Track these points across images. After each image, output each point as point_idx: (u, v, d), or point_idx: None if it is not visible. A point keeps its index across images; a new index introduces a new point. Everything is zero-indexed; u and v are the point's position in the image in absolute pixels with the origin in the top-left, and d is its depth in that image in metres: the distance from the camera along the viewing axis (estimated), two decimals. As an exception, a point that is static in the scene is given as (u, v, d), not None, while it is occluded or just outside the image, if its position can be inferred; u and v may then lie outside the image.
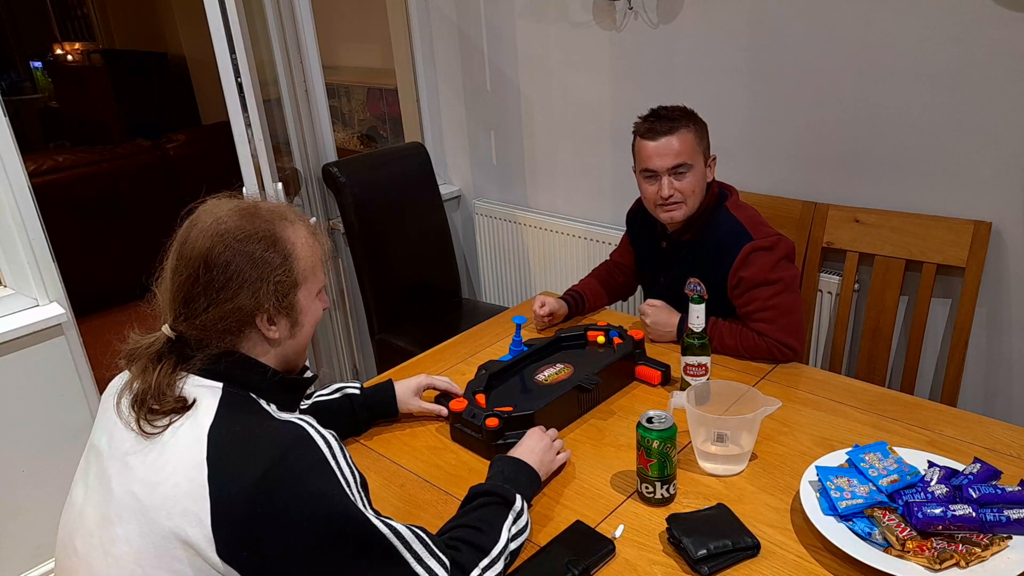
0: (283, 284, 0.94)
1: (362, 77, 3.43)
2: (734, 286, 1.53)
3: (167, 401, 0.88)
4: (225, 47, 1.63)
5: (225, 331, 0.92)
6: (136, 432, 0.88)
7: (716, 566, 0.99)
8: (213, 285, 0.90)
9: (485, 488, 1.07)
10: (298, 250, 0.96)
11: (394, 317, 2.43)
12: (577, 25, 2.27)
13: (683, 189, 1.54)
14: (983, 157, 1.66)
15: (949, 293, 1.80)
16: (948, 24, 1.61)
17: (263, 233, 0.94)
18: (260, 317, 0.93)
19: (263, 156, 1.75)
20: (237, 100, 1.68)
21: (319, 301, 1.02)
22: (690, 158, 1.53)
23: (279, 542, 0.82)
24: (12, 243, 1.83)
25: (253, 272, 0.91)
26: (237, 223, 0.93)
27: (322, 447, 0.87)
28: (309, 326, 1.01)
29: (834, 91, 1.82)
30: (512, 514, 1.03)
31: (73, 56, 6.56)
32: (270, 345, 0.96)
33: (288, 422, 0.89)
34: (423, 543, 0.90)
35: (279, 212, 0.98)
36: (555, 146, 2.51)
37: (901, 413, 1.33)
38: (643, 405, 1.40)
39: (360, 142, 3.61)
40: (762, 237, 1.51)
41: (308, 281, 0.98)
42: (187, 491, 0.82)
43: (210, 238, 0.91)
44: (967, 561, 0.94)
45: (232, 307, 0.91)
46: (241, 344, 0.94)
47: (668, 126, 1.53)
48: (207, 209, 0.96)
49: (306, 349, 1.04)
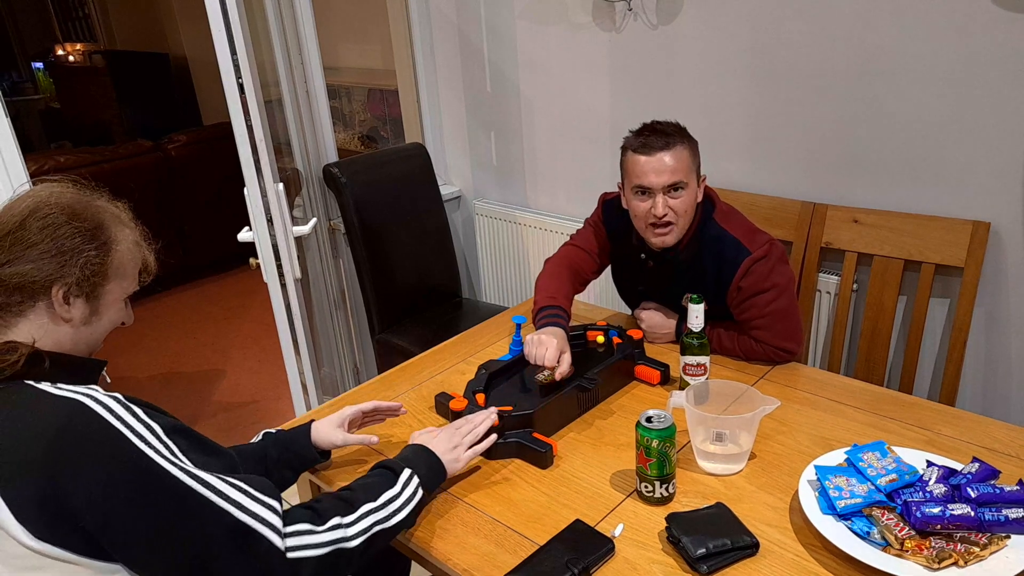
0: (92, 266, 0.94)
1: (363, 78, 3.43)
2: (732, 296, 1.52)
3: None
4: (226, 47, 1.64)
5: (16, 288, 0.90)
6: None
7: (715, 565, 1.00)
8: (21, 243, 0.90)
9: (384, 462, 1.11)
10: (120, 246, 0.98)
11: (394, 317, 2.43)
12: (577, 26, 2.27)
13: (677, 208, 1.47)
14: (982, 157, 1.66)
15: (948, 293, 1.80)
16: (948, 25, 1.62)
17: (89, 217, 0.95)
18: (57, 288, 0.92)
19: (264, 156, 1.75)
20: (238, 100, 1.69)
21: (124, 308, 1.02)
22: (685, 176, 1.46)
23: (94, 523, 0.82)
24: None
25: (66, 243, 0.92)
26: (69, 201, 0.95)
27: (102, 413, 0.85)
28: (107, 323, 0.99)
29: (834, 91, 1.83)
30: (397, 486, 1.05)
31: (75, 57, 6.57)
32: (59, 323, 0.94)
33: (63, 399, 0.86)
34: (242, 491, 0.89)
35: (114, 212, 1.00)
36: (555, 146, 2.52)
37: (900, 413, 1.33)
38: (642, 405, 1.40)
39: (361, 143, 3.61)
40: (757, 246, 1.48)
41: (120, 280, 0.99)
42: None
43: (37, 202, 0.93)
44: (965, 560, 0.94)
45: (32, 268, 0.90)
46: (29, 312, 0.92)
47: (664, 141, 1.45)
48: (46, 185, 0.97)
49: (96, 348, 1.01)
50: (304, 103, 2.43)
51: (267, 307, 2.02)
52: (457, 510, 1.16)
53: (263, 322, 3.60)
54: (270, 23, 2.29)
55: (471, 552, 1.07)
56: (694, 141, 1.52)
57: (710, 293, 1.49)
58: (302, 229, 1.97)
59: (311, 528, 0.93)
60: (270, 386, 3.08)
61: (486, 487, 1.21)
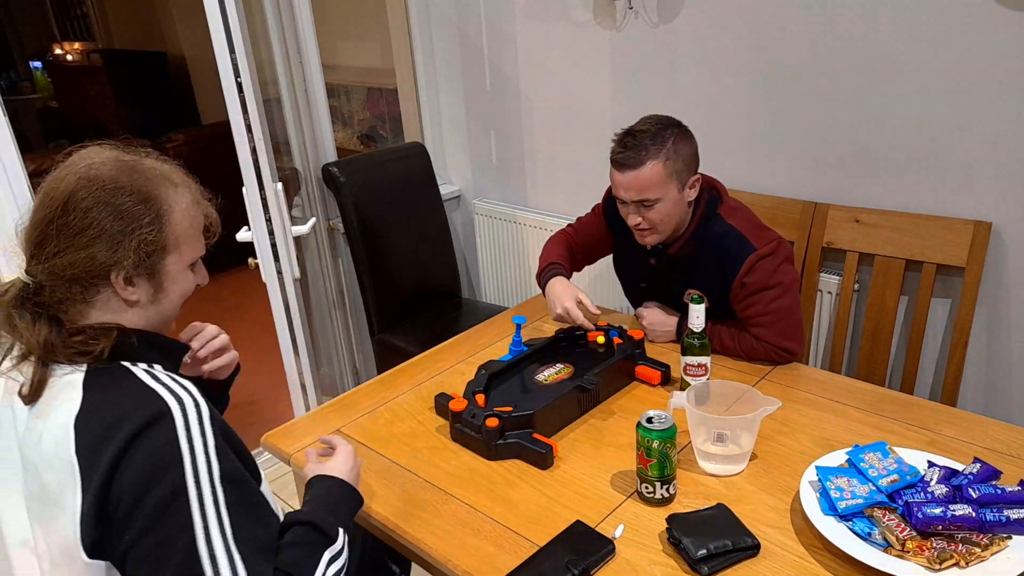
0: (148, 243, 0.88)
1: (362, 77, 3.43)
2: (736, 293, 1.52)
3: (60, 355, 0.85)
4: (225, 47, 1.63)
5: (74, 280, 0.86)
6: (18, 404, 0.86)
7: (716, 566, 0.99)
8: (67, 230, 0.85)
9: (304, 517, 0.95)
10: (175, 214, 0.90)
11: (394, 317, 2.43)
12: (577, 25, 2.27)
13: (651, 218, 1.49)
14: (984, 157, 1.66)
15: (949, 293, 1.80)
16: (948, 24, 1.61)
17: (136, 187, 0.88)
18: (116, 274, 0.87)
19: (263, 156, 1.75)
20: (237, 100, 1.68)
21: (193, 273, 0.96)
22: (657, 191, 1.46)
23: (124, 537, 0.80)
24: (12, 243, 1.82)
25: (115, 224, 0.85)
26: (111, 172, 0.87)
27: (179, 429, 0.82)
28: (176, 296, 0.95)
29: (835, 90, 1.82)
30: (329, 554, 0.93)
31: (73, 56, 6.56)
32: (127, 306, 0.90)
33: (153, 395, 0.83)
34: None
35: (163, 172, 0.92)
36: (555, 146, 2.51)
37: (901, 413, 1.33)
38: (643, 405, 1.40)
39: (360, 142, 3.61)
40: (763, 243, 1.48)
41: (181, 248, 0.92)
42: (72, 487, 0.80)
43: (77, 180, 0.86)
44: (967, 561, 0.94)
45: (84, 256, 0.85)
46: (94, 300, 0.88)
47: (634, 159, 1.46)
48: (86, 153, 0.90)
49: (170, 323, 0.97)
50: (303, 102, 2.42)
51: (266, 307, 2.01)
52: (457, 511, 1.16)
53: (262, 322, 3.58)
54: (269, 22, 2.28)
55: (471, 553, 1.07)
56: (680, 143, 1.48)
57: (713, 291, 1.49)
58: (301, 229, 1.96)
59: None
60: (269, 386, 3.07)
61: (486, 488, 1.21)
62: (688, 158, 1.50)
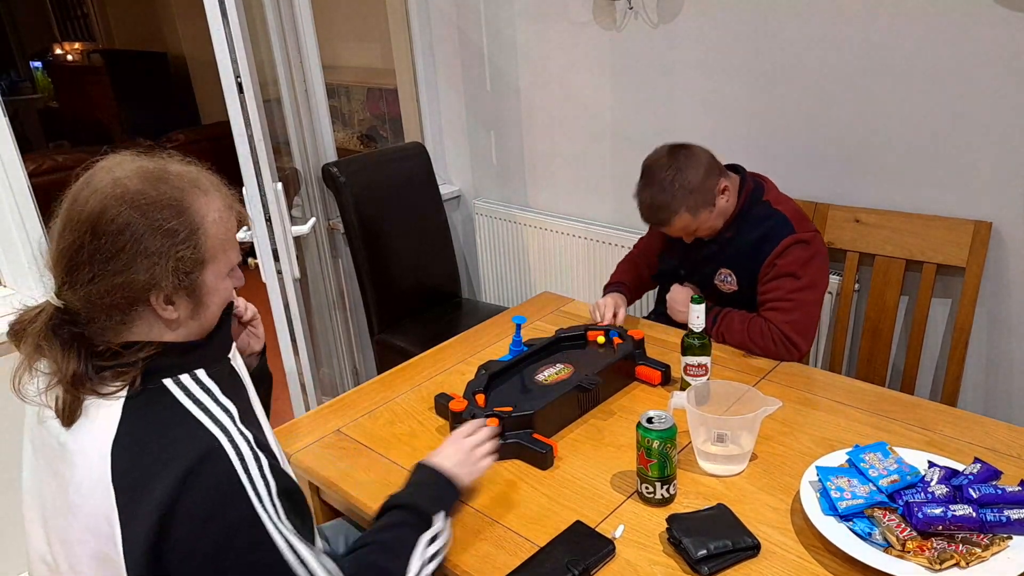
0: (187, 261, 0.82)
1: (362, 77, 3.43)
2: (765, 272, 1.54)
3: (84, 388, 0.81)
4: (225, 46, 1.63)
5: (112, 307, 0.80)
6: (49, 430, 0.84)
7: (716, 566, 0.99)
8: (100, 255, 0.79)
9: (403, 500, 0.98)
10: (208, 224, 0.84)
11: (394, 317, 2.43)
12: (577, 25, 2.27)
13: (698, 234, 1.60)
14: (983, 157, 1.66)
15: (949, 293, 1.80)
16: (948, 24, 1.61)
17: (168, 200, 0.81)
18: (155, 295, 0.82)
19: (263, 156, 1.74)
20: (237, 100, 1.68)
21: (230, 279, 0.91)
22: (686, 228, 1.57)
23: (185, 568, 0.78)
24: (12, 243, 1.83)
25: (151, 244, 0.79)
26: (139, 186, 0.81)
27: (233, 460, 0.80)
28: (216, 307, 0.90)
29: (834, 91, 1.82)
30: (427, 536, 0.95)
31: (73, 56, 6.57)
32: (167, 327, 0.85)
33: (200, 429, 0.80)
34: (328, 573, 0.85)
35: (191, 178, 0.86)
36: (555, 146, 2.51)
37: (901, 413, 1.33)
38: (643, 405, 1.40)
39: (360, 142, 3.61)
40: (804, 231, 1.53)
41: (218, 259, 0.86)
42: (104, 513, 0.78)
43: (103, 200, 0.79)
44: (967, 561, 0.94)
45: (121, 281, 0.79)
46: (133, 323, 0.83)
47: (662, 220, 1.55)
48: (107, 166, 0.83)
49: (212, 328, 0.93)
50: (303, 102, 2.42)
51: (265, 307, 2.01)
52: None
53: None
54: (269, 22, 2.28)
55: (471, 553, 1.07)
56: (688, 175, 1.51)
57: (744, 267, 1.56)
58: (301, 229, 1.96)
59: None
60: (269, 386, 3.07)
61: (486, 488, 1.20)
62: (704, 179, 1.53)
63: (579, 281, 2.55)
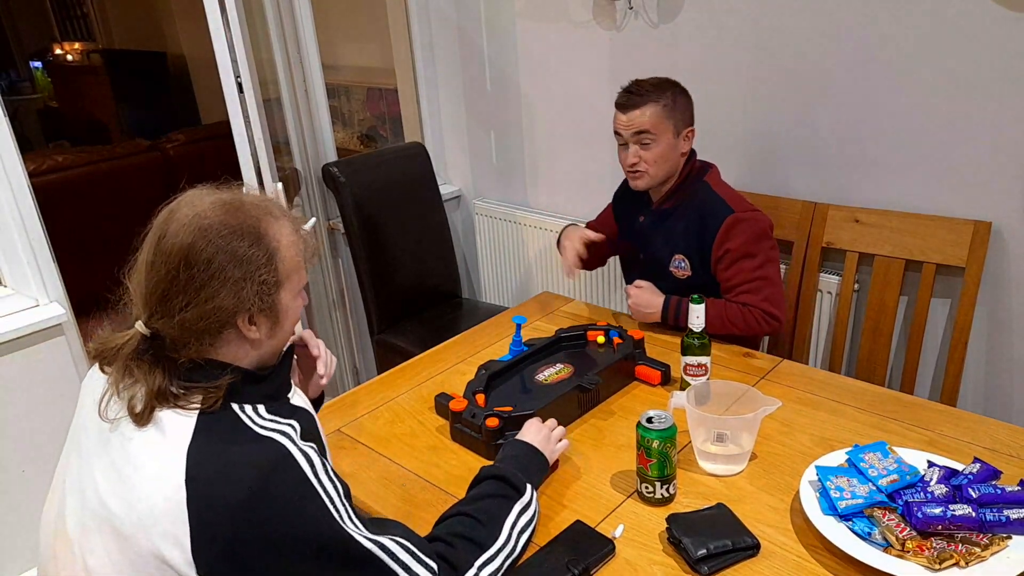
0: (267, 284, 0.89)
1: (362, 77, 3.43)
2: (718, 259, 1.59)
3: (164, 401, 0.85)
4: (225, 46, 1.63)
5: (204, 331, 0.87)
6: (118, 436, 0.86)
7: (716, 566, 1.00)
8: (193, 283, 0.85)
9: (495, 472, 1.05)
10: (283, 248, 0.92)
11: (394, 317, 2.43)
12: (577, 25, 2.27)
13: (647, 158, 1.62)
14: (983, 156, 1.66)
15: (949, 293, 1.80)
16: (948, 24, 1.61)
17: (247, 229, 0.88)
18: (242, 318, 0.88)
19: (263, 156, 1.75)
20: (237, 100, 1.68)
21: (299, 299, 0.98)
22: (655, 129, 1.59)
23: (264, 566, 0.80)
24: (12, 243, 1.83)
25: (236, 271, 0.86)
26: (221, 218, 0.88)
27: (303, 466, 0.84)
28: (289, 325, 0.96)
29: (835, 90, 1.82)
30: (519, 505, 1.01)
31: (73, 56, 6.56)
32: (251, 347, 0.92)
33: (268, 440, 0.85)
34: (408, 551, 0.88)
35: (264, 207, 0.93)
36: (555, 146, 2.51)
37: (901, 413, 1.33)
38: (643, 405, 1.40)
39: (360, 142, 3.61)
40: (742, 210, 1.59)
41: (291, 280, 0.94)
42: (165, 511, 0.79)
43: (192, 233, 0.86)
44: (967, 561, 0.94)
45: (212, 307, 0.86)
46: (220, 345, 0.89)
47: (636, 101, 1.60)
48: (187, 201, 0.90)
49: (283, 349, 0.99)
50: (303, 102, 2.43)
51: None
52: (457, 511, 1.16)
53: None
54: (269, 21, 2.28)
55: (471, 553, 1.07)
56: (679, 95, 1.62)
57: (692, 251, 1.62)
58: (301, 229, 1.96)
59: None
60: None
61: (486, 488, 1.20)
62: (684, 111, 1.64)
63: (579, 281, 2.55)
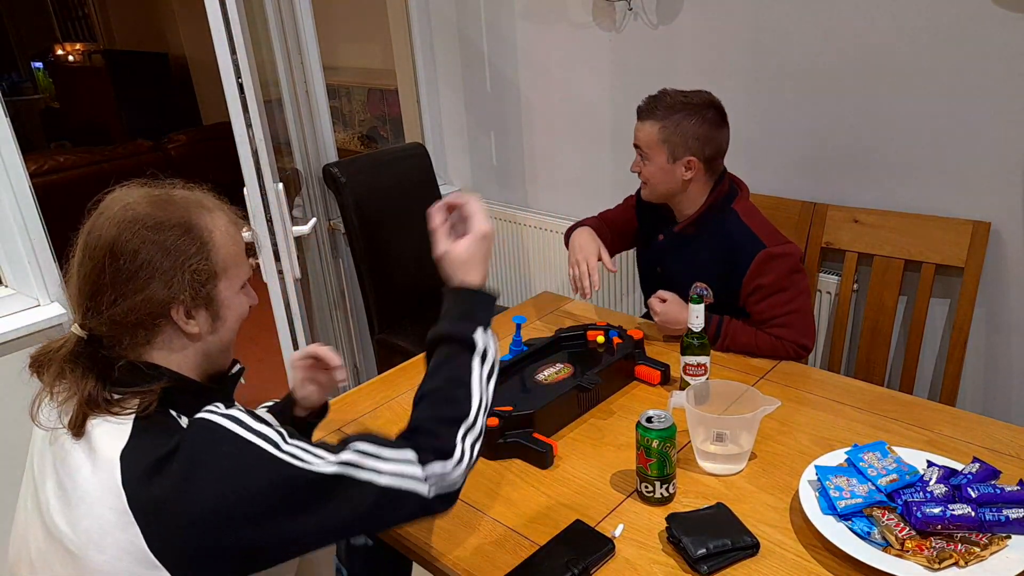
0: (200, 273, 0.87)
1: (363, 78, 3.43)
2: (750, 293, 1.53)
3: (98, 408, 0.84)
4: (226, 47, 1.63)
5: (136, 325, 0.85)
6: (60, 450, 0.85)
7: (715, 565, 1.00)
8: (120, 276, 0.84)
9: (440, 334, 0.96)
10: (216, 238, 0.90)
11: (394, 317, 2.43)
12: (577, 26, 2.27)
13: (644, 173, 1.60)
14: (982, 157, 1.66)
15: (948, 293, 1.80)
16: (948, 25, 1.62)
17: (176, 220, 0.87)
18: (176, 309, 0.87)
19: (264, 156, 1.75)
20: (238, 100, 1.68)
21: (244, 295, 0.96)
22: (646, 148, 1.57)
23: (234, 537, 0.78)
24: (13, 243, 1.83)
25: (165, 261, 0.85)
26: (148, 210, 0.87)
27: (230, 426, 0.82)
28: (233, 321, 0.94)
29: (834, 91, 1.82)
30: (477, 358, 0.94)
31: (74, 56, 6.57)
32: (189, 340, 0.90)
33: (191, 421, 0.84)
34: (375, 456, 0.85)
35: (195, 199, 0.92)
36: (555, 146, 2.51)
37: (900, 413, 1.33)
38: (643, 405, 1.40)
39: (360, 143, 3.61)
40: (775, 244, 1.51)
41: (229, 272, 0.92)
42: (112, 523, 0.78)
43: (117, 225, 0.85)
44: (966, 560, 0.94)
45: (142, 299, 0.84)
46: (155, 340, 0.88)
47: (643, 112, 1.57)
48: (116, 197, 0.90)
49: (231, 348, 0.98)
50: (304, 103, 2.43)
51: (266, 307, 2.01)
52: (458, 510, 1.16)
53: (262, 322, 3.59)
54: (270, 22, 2.28)
55: (471, 552, 1.07)
56: (691, 122, 1.51)
57: (716, 283, 1.54)
58: (302, 229, 1.96)
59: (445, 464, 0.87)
60: (269, 386, 3.07)
61: (486, 487, 1.21)
62: (690, 138, 1.53)
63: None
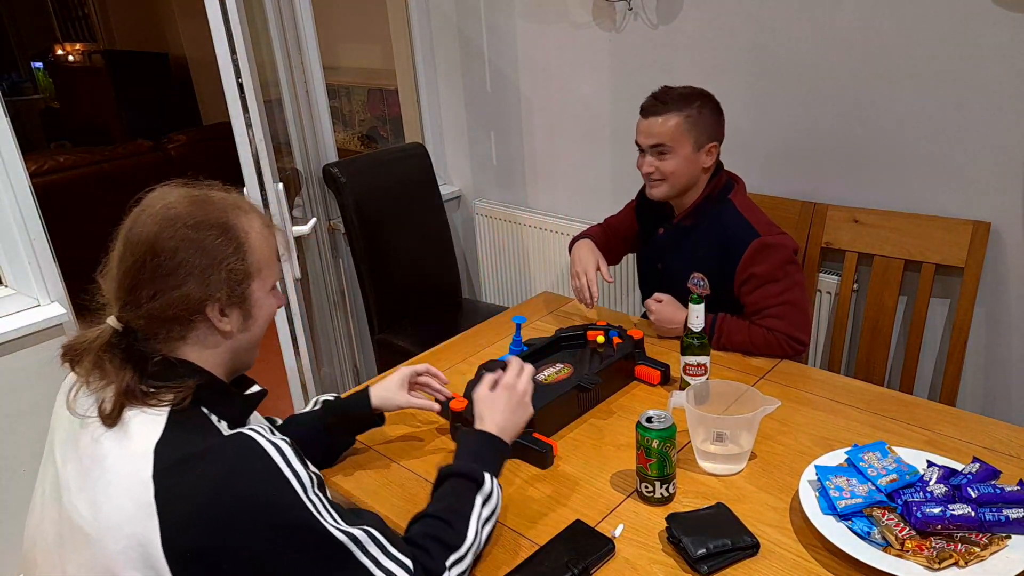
0: (236, 273, 0.91)
1: (363, 78, 3.43)
2: (743, 283, 1.55)
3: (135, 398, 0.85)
4: (226, 47, 1.63)
5: (173, 321, 0.88)
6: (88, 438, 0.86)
7: (715, 565, 1.00)
8: (160, 272, 0.87)
9: (452, 471, 1.03)
10: (252, 240, 0.93)
11: (394, 317, 2.43)
12: (577, 26, 2.27)
13: (662, 169, 1.59)
14: (982, 157, 1.66)
15: (948, 293, 1.80)
16: (947, 25, 1.62)
17: (215, 220, 0.90)
18: (211, 307, 0.90)
19: (264, 156, 1.75)
20: (238, 100, 1.68)
21: (273, 297, 0.99)
22: (672, 141, 1.56)
23: (235, 557, 0.80)
24: (13, 243, 1.83)
25: (203, 259, 0.88)
26: (188, 209, 0.90)
27: (272, 454, 0.84)
28: (262, 320, 0.98)
29: (834, 91, 1.82)
30: (480, 497, 1.00)
31: (74, 56, 6.57)
32: (222, 337, 0.93)
33: (237, 433, 0.85)
34: (380, 546, 0.88)
35: (232, 201, 0.95)
36: (555, 146, 2.51)
37: (900, 413, 1.33)
38: (643, 405, 1.40)
39: (360, 143, 3.61)
40: (769, 234, 1.54)
41: (262, 273, 0.95)
42: (133, 513, 0.79)
43: (158, 223, 0.88)
44: (966, 560, 0.94)
45: (180, 295, 0.87)
46: (190, 335, 0.91)
47: (658, 108, 1.56)
48: (157, 195, 0.93)
49: (258, 347, 1.01)
50: (304, 103, 2.43)
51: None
52: (457, 510, 1.16)
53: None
54: (270, 22, 2.28)
55: (471, 552, 1.07)
56: (706, 107, 1.57)
57: (712, 274, 1.53)
58: (302, 229, 1.97)
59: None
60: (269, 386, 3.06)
61: (486, 487, 1.21)
62: (708, 125, 1.58)
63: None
